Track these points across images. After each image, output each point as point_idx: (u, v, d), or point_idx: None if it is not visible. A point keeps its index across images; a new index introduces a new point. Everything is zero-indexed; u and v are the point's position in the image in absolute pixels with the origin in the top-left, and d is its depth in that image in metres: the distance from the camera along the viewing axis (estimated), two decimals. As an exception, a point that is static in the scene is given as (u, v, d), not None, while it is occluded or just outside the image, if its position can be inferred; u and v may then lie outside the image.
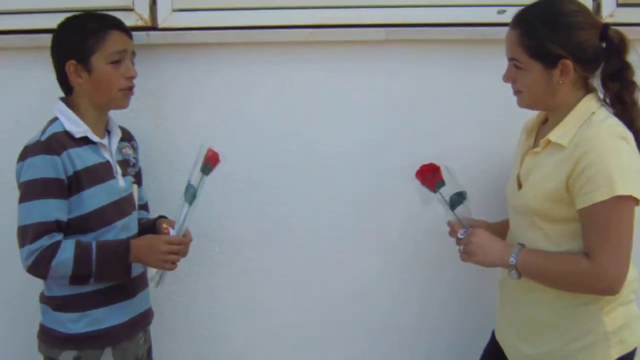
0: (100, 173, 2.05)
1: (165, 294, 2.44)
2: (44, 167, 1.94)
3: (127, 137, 2.25)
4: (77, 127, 2.02)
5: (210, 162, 2.07)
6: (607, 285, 1.83)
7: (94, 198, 2.02)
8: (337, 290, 2.57)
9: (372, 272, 2.57)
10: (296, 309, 2.58)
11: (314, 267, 2.55)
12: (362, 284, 2.57)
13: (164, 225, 2.10)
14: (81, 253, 1.95)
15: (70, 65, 2.01)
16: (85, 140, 2.03)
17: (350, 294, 2.58)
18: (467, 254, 2.04)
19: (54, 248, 1.93)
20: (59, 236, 1.96)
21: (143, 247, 2.03)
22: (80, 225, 2.02)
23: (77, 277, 1.97)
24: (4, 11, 2.38)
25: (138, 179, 2.28)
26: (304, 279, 2.56)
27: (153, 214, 2.35)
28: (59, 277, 1.98)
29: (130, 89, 2.11)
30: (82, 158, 2.01)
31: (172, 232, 2.07)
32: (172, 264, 2.04)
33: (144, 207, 2.35)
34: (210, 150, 2.07)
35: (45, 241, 1.93)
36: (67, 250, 1.94)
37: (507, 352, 2.13)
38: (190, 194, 2.06)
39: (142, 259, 2.04)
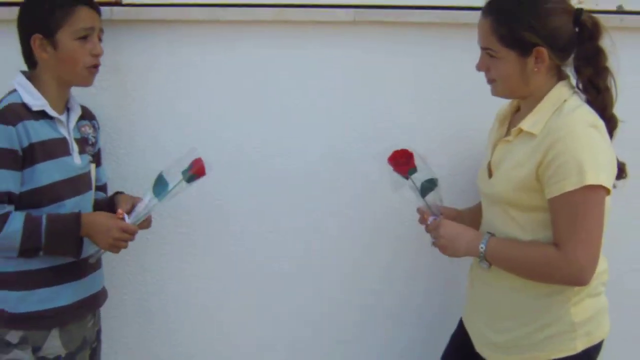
0: (55, 148, 1.99)
1: (119, 274, 2.41)
2: None
3: (87, 115, 2.19)
4: (35, 100, 1.96)
5: (197, 173, 2.03)
6: (576, 276, 1.80)
7: (46, 173, 1.96)
8: (295, 268, 2.52)
9: (330, 252, 2.51)
10: (255, 284, 2.52)
11: (275, 243, 2.49)
12: (319, 263, 2.52)
13: (120, 211, 2.01)
14: (30, 225, 1.89)
15: (36, 39, 1.95)
16: (42, 115, 1.97)
17: (309, 273, 2.52)
18: (439, 249, 2.04)
19: (3, 219, 1.87)
20: (9, 207, 1.90)
21: (96, 225, 1.97)
22: (32, 200, 1.95)
23: (26, 250, 1.91)
24: None
25: (97, 159, 2.22)
26: (265, 256, 2.50)
27: (110, 193, 2.31)
28: (7, 249, 1.91)
29: (95, 66, 2.05)
30: (38, 131, 1.94)
31: (127, 219, 2.00)
32: (118, 248, 2.00)
33: (102, 188, 2.29)
34: (199, 161, 2.03)
35: None
36: (16, 222, 1.88)
37: (474, 339, 2.10)
38: (162, 191, 2.02)
39: (92, 236, 1.97)
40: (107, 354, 2.37)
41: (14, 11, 2.01)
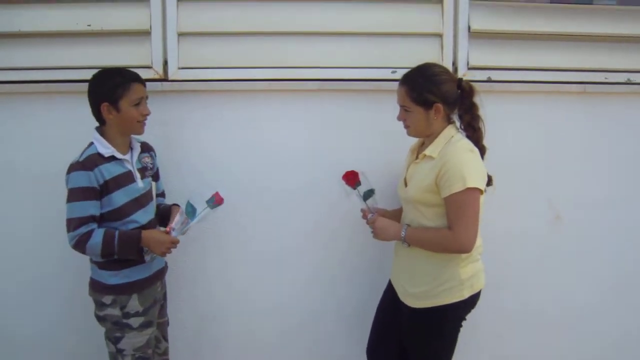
0: (124, 180, 2.01)
1: (178, 255, 2.36)
2: (81, 179, 1.92)
3: (146, 149, 2.18)
4: (106, 149, 1.98)
5: (218, 202, 2.07)
6: (463, 248, 1.89)
7: (118, 198, 1.99)
8: (271, 256, 2.54)
9: (300, 242, 2.55)
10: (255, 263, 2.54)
11: (260, 238, 2.52)
12: (292, 252, 2.55)
13: (167, 229, 2.04)
14: (107, 238, 1.93)
15: (104, 107, 1.96)
16: (112, 158, 1.99)
17: (282, 259, 2.55)
18: (375, 236, 2.08)
19: (89, 234, 1.91)
20: (93, 225, 1.94)
21: (152, 239, 2.00)
22: (110, 217, 1.99)
23: (105, 255, 1.95)
24: (67, 67, 2.34)
25: (156, 177, 2.23)
26: (263, 242, 2.52)
27: (168, 201, 2.30)
28: (93, 254, 1.97)
29: (144, 121, 2.06)
30: (110, 171, 1.97)
31: (173, 233, 2.03)
32: (165, 254, 2.04)
33: (161, 194, 2.29)
34: (218, 195, 2.07)
35: (83, 229, 1.91)
36: (97, 236, 1.92)
37: (398, 292, 2.13)
38: (193, 213, 2.04)
39: (150, 247, 2.01)
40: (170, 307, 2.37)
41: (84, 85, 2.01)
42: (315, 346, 2.61)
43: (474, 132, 1.97)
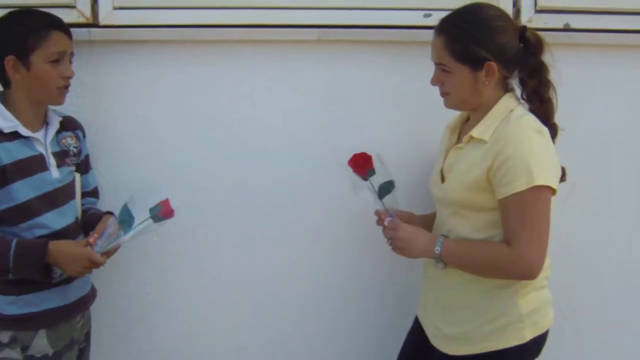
0: (30, 166, 2.02)
1: (107, 278, 2.42)
2: None
3: (70, 126, 2.20)
4: (7, 122, 1.99)
5: (165, 215, 2.03)
6: (526, 271, 1.87)
7: (21, 191, 1.99)
8: (265, 270, 2.57)
9: (299, 253, 2.58)
10: (229, 288, 2.58)
11: (246, 246, 2.55)
12: (290, 268, 2.58)
13: (92, 239, 2.00)
14: (0, 248, 1.92)
15: (10, 61, 1.97)
16: (16, 135, 2.00)
17: (277, 275, 2.59)
18: (395, 250, 2.06)
19: None
20: None
21: (64, 254, 1.97)
22: (8, 218, 1.99)
23: None
24: None
25: (84, 167, 2.26)
26: (237, 258, 2.56)
27: (102, 203, 2.35)
28: None
29: (66, 87, 2.08)
30: (11, 152, 1.97)
31: (96, 248, 1.99)
32: (82, 275, 2.05)
33: (92, 193, 2.32)
34: (167, 203, 2.04)
35: None
36: None
37: (428, 333, 2.15)
38: (129, 224, 1.99)
39: (60, 265, 1.98)
40: (95, 356, 2.38)
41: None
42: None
43: (541, 105, 1.98)
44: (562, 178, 1.97)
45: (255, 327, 2.61)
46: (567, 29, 2.47)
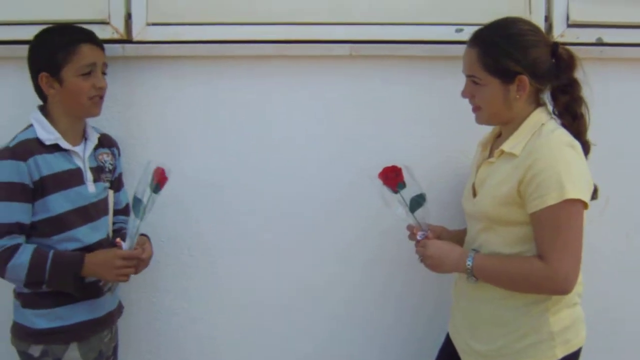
0: (68, 179, 2.03)
1: (136, 293, 2.45)
2: (9, 171, 1.94)
3: (106, 143, 2.22)
4: (49, 134, 2.01)
5: (160, 181, 2.02)
6: (560, 285, 1.84)
7: (57, 203, 2.01)
8: (297, 288, 2.57)
9: (331, 271, 2.57)
10: (259, 307, 2.56)
11: (277, 266, 2.54)
12: (320, 282, 2.56)
13: (117, 239, 2.04)
14: (37, 260, 1.94)
15: (43, 77, 2.00)
16: (56, 147, 2.02)
17: (310, 293, 2.57)
18: (427, 266, 2.05)
19: (13, 250, 1.93)
20: (19, 239, 1.96)
21: (98, 264, 2.00)
22: (43, 229, 2.01)
23: (30, 283, 1.96)
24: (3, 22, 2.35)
25: (117, 185, 2.27)
26: (268, 277, 2.55)
27: None
28: (13, 279, 1.98)
29: (100, 97, 2.09)
30: (50, 164, 2.00)
31: (124, 246, 2.02)
32: (125, 277, 2.02)
33: (122, 211, 2.32)
34: (158, 168, 2.02)
35: (6, 242, 1.93)
36: (24, 254, 1.93)
37: (459, 349, 2.13)
38: (139, 209, 2.00)
39: (98, 274, 2.02)
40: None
41: (25, 49, 2.07)
42: None
43: (573, 121, 1.96)
44: (594, 195, 1.94)
45: (287, 343, 2.60)
46: (599, 43, 2.44)
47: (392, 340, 2.61)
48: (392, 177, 2.11)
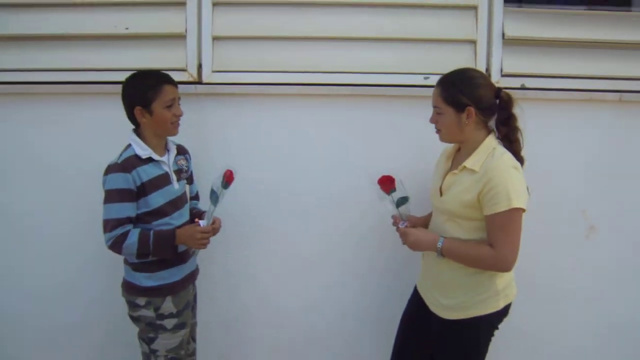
0: (160, 181, 1.97)
1: (208, 258, 2.36)
2: (119, 180, 1.88)
3: (182, 151, 2.14)
4: (144, 151, 1.94)
5: (228, 180, 1.99)
6: (503, 267, 1.82)
7: (155, 200, 1.95)
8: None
9: (329, 249, 2.48)
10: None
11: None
12: (319, 253, 2.46)
13: (196, 220, 2.02)
14: (143, 238, 1.89)
15: (137, 110, 1.92)
16: (149, 159, 1.95)
17: (316, 256, 2.47)
18: (409, 247, 1.97)
19: (125, 235, 1.88)
20: (129, 227, 1.90)
21: (185, 235, 1.96)
22: (146, 218, 1.95)
23: (140, 255, 1.92)
24: (105, 69, 2.30)
25: (190, 180, 2.19)
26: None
27: (200, 204, 2.26)
28: (128, 255, 1.93)
29: (178, 122, 2.01)
30: (147, 173, 1.93)
31: (202, 223, 1.99)
32: (204, 245, 1.99)
33: (195, 197, 2.25)
34: (228, 170, 1.99)
35: (119, 231, 1.87)
36: (133, 236, 1.89)
37: (428, 302, 2.04)
38: (214, 199, 1.98)
39: (185, 243, 1.98)
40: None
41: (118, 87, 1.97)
42: (341, 348, 2.53)
43: (511, 144, 1.88)
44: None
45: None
46: (523, 87, 2.37)
47: (378, 292, 2.50)
48: (387, 184, 2.05)
